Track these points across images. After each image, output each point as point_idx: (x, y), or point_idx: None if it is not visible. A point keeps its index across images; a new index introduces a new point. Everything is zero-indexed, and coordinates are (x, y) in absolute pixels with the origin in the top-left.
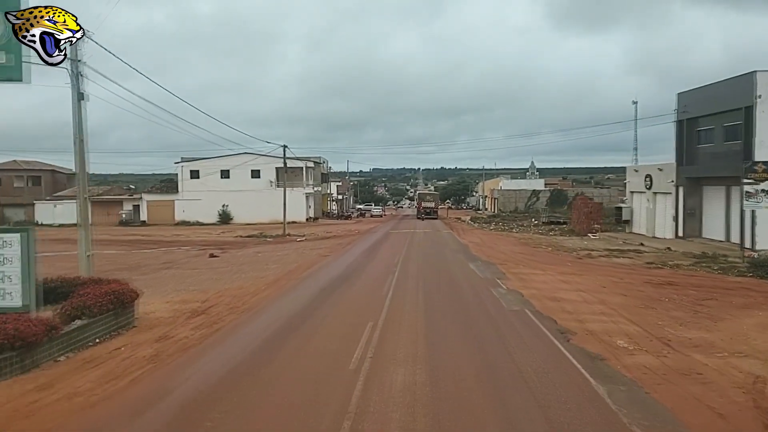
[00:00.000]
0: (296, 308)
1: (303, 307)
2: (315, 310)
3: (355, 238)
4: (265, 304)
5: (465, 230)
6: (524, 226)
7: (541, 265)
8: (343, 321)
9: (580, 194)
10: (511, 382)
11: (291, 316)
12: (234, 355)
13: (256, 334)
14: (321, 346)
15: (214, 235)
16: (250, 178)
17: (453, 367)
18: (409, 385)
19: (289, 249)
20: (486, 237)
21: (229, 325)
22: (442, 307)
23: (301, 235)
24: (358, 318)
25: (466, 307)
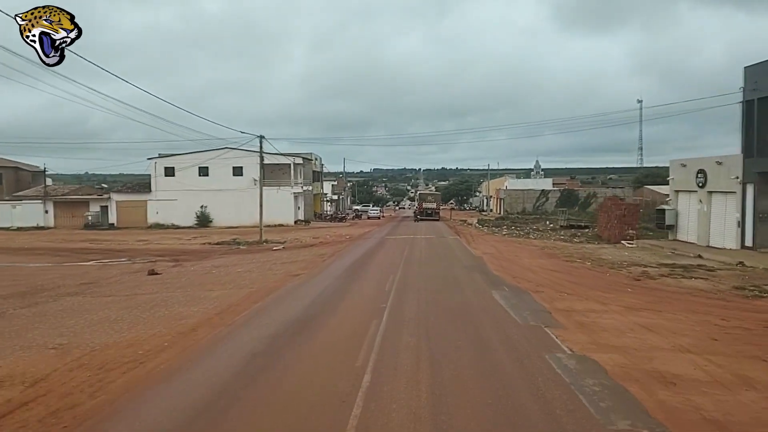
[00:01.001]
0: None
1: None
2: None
3: (343, 246)
4: (115, 407)
5: (474, 236)
6: (540, 230)
7: (592, 293)
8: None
9: (593, 194)
10: None
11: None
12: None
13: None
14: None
15: (183, 240)
16: (232, 176)
17: None
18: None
19: (257, 262)
20: (501, 245)
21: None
22: (467, 418)
23: (281, 241)
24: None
25: (520, 417)
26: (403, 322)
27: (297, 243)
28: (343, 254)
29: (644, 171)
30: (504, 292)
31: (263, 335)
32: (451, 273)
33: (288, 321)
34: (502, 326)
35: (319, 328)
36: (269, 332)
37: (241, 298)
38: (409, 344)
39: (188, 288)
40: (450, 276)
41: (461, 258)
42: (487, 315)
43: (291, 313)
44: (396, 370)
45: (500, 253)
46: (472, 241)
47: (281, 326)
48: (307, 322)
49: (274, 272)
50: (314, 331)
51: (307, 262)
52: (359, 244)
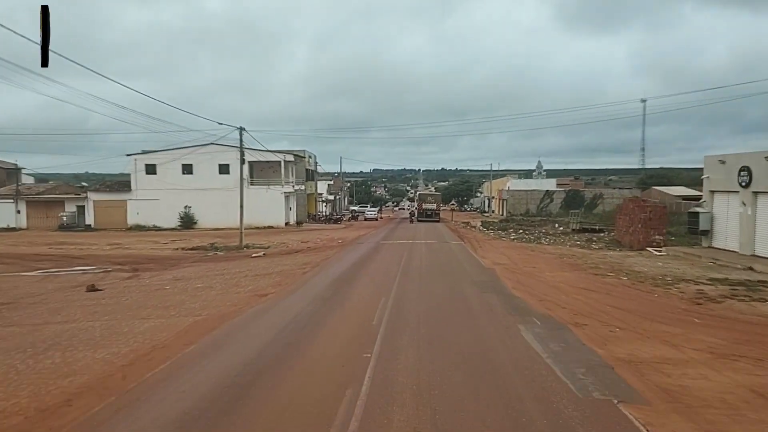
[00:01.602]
0: None
1: None
2: None
3: (332, 253)
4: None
5: (480, 241)
6: (551, 234)
7: (651, 326)
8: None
9: (599, 195)
10: None
11: None
12: None
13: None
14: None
15: (160, 244)
16: (218, 174)
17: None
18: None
19: (226, 274)
20: (513, 253)
21: None
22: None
23: (263, 246)
24: None
25: None
26: (395, 393)
27: (282, 248)
28: (329, 264)
29: (649, 172)
30: (535, 327)
31: (165, 419)
32: (460, 293)
33: (215, 388)
34: (552, 403)
35: (260, 408)
36: (174, 414)
37: (174, 335)
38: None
39: (119, 314)
40: (459, 298)
41: (469, 270)
42: (521, 375)
43: (227, 369)
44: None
45: (514, 264)
46: (478, 248)
47: (201, 400)
48: (245, 393)
49: (239, 290)
50: (250, 416)
51: (284, 274)
52: (351, 250)
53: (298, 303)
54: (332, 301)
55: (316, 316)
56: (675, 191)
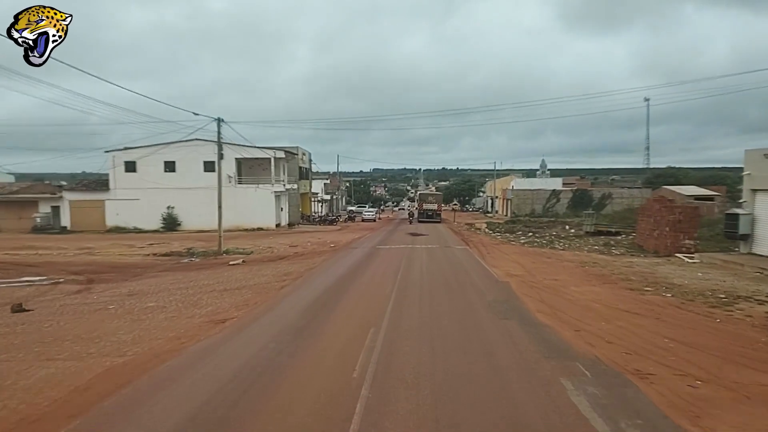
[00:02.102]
0: None
1: None
2: None
3: (320, 260)
4: None
5: (487, 245)
6: (563, 237)
7: (739, 373)
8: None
9: (608, 195)
10: None
11: None
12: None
13: None
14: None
15: (135, 249)
16: (203, 172)
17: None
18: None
19: (190, 288)
20: (527, 260)
21: None
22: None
23: (245, 252)
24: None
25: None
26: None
27: (266, 254)
28: (313, 276)
29: (655, 171)
30: (585, 382)
31: None
32: (472, 322)
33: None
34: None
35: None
36: None
37: (64, 396)
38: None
39: (24, 350)
40: (471, 330)
41: (480, 285)
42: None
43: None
44: None
45: (532, 276)
46: (486, 254)
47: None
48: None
49: (196, 312)
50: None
51: (258, 289)
52: (342, 257)
53: (259, 338)
54: (304, 334)
55: (276, 363)
56: (686, 190)
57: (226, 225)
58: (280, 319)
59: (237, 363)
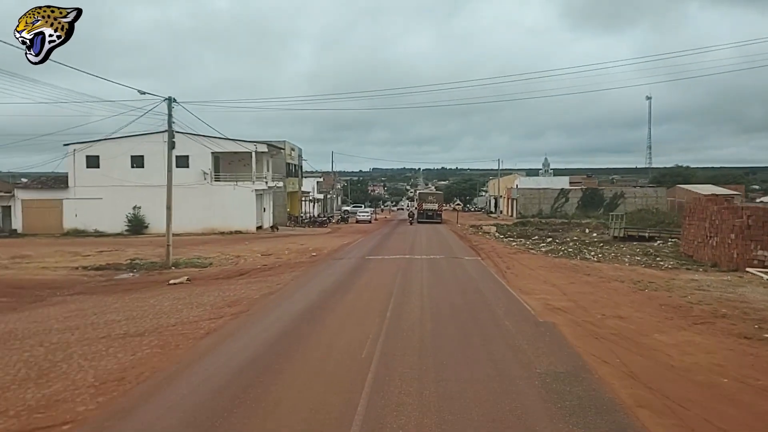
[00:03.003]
0: None
1: None
2: None
3: (288, 278)
4: None
5: (503, 255)
6: (587, 243)
7: None
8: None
9: (620, 194)
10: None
11: None
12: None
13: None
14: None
15: (78, 257)
16: (175, 168)
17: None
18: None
19: (71, 332)
20: (562, 279)
21: None
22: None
23: (202, 264)
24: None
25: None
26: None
27: (228, 266)
28: (266, 308)
29: (662, 170)
30: None
31: None
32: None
33: None
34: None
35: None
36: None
37: None
38: None
39: None
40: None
41: (513, 330)
42: None
43: None
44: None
45: (583, 309)
46: (506, 269)
47: None
48: None
49: (31, 393)
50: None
51: (173, 335)
52: (320, 272)
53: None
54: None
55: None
56: (703, 189)
57: (200, 227)
58: (170, 421)
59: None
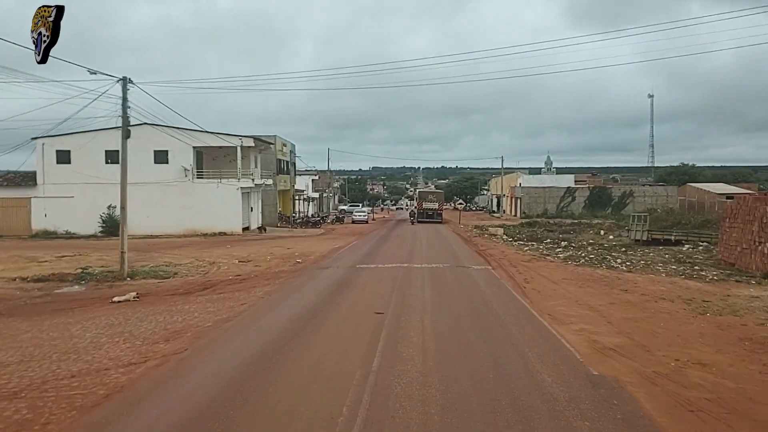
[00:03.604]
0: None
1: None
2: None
3: (261, 295)
4: None
5: (516, 263)
6: (606, 246)
7: None
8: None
9: (629, 193)
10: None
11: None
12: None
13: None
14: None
15: (35, 263)
16: (153, 164)
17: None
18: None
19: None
20: (597, 298)
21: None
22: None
23: (165, 274)
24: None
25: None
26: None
27: (196, 277)
28: (223, 341)
29: (668, 169)
30: None
31: None
32: None
33: None
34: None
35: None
36: None
37: None
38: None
39: None
40: None
41: (556, 391)
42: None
43: None
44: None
45: (641, 347)
46: (525, 282)
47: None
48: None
49: None
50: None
51: (51, 405)
52: (300, 286)
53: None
54: None
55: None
56: (715, 188)
57: (181, 228)
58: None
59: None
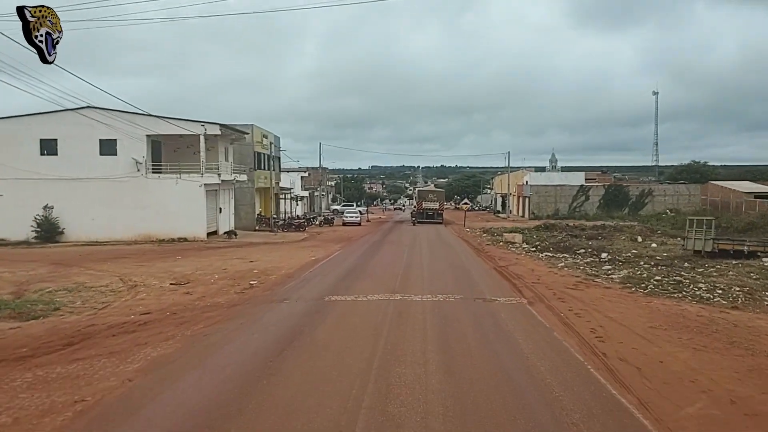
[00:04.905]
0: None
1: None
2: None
3: (135, 372)
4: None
5: (562, 293)
6: (665, 264)
7: None
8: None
9: (647, 192)
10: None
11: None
12: None
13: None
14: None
15: None
16: (99, 156)
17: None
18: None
19: None
20: (738, 381)
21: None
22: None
23: (31, 313)
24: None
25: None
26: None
27: (80, 316)
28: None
29: (679, 168)
30: None
31: None
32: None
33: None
34: None
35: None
36: None
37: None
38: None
39: None
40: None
41: None
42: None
43: None
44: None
45: None
46: (595, 338)
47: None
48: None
49: None
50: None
51: None
52: (223, 344)
53: None
54: None
55: None
56: (741, 186)
57: (133, 234)
58: None
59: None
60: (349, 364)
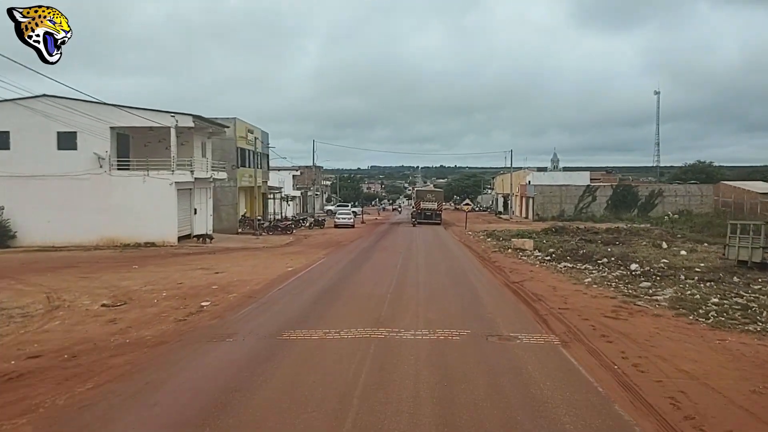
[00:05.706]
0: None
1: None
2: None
3: None
4: None
5: (602, 324)
6: (709, 280)
7: None
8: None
9: (658, 193)
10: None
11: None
12: None
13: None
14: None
15: None
16: (57, 150)
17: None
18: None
19: None
20: None
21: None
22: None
23: None
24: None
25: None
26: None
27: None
28: None
29: (684, 168)
30: None
31: None
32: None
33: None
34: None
35: None
36: None
37: None
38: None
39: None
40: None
41: None
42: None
43: None
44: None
45: None
46: (681, 419)
47: None
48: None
49: None
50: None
51: None
52: (125, 415)
53: None
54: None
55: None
56: (755, 187)
57: (95, 238)
58: None
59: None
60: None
